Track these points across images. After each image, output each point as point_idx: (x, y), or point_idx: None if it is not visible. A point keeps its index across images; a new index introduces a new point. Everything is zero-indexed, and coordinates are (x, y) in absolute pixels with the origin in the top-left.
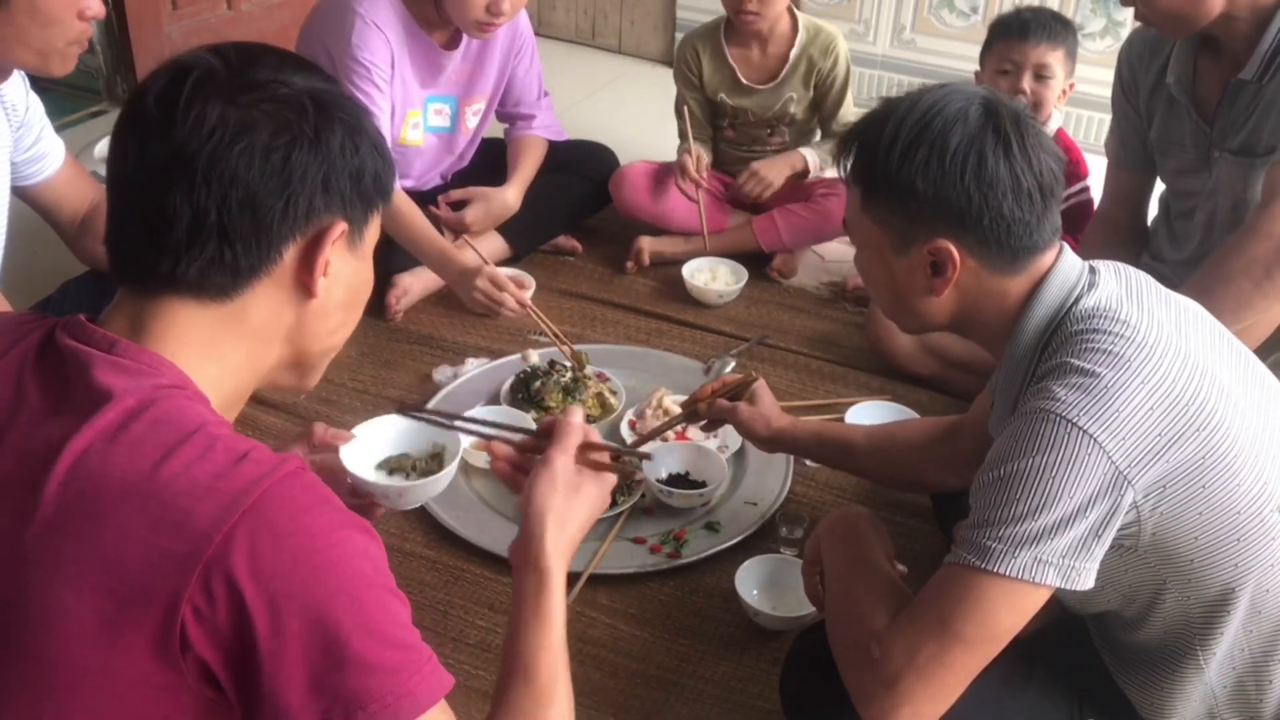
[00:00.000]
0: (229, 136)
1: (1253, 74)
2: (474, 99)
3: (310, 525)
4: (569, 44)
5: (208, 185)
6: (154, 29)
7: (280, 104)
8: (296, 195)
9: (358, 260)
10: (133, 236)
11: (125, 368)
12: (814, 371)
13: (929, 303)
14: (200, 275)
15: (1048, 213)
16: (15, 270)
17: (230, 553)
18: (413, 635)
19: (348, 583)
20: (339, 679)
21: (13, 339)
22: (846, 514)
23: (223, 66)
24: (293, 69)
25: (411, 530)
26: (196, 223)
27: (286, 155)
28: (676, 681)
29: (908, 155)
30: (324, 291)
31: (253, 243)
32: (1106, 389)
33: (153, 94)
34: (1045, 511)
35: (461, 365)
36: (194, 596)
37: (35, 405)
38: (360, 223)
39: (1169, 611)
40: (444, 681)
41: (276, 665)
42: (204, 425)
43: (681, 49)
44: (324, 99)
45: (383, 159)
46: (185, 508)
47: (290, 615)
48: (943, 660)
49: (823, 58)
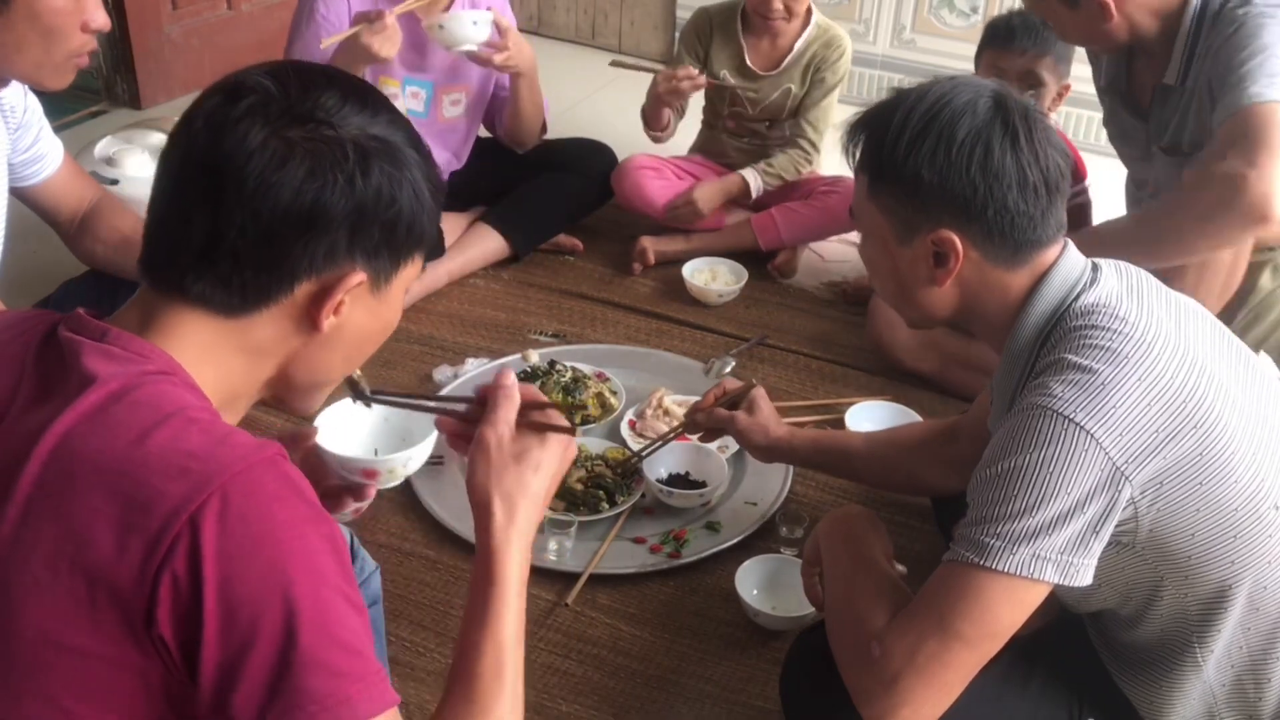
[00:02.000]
0: (264, 166)
1: (1174, 78)
2: (454, 88)
3: (277, 514)
4: (569, 44)
5: (231, 209)
6: (154, 29)
7: (323, 144)
8: (318, 237)
9: (379, 304)
10: (159, 238)
11: (113, 354)
12: (814, 371)
13: (931, 293)
14: (207, 290)
15: (1052, 208)
16: (15, 270)
17: (196, 532)
18: (364, 644)
19: (306, 577)
20: (281, 674)
21: (20, 331)
22: (846, 513)
23: (279, 93)
24: (354, 108)
25: (411, 530)
26: (213, 242)
27: (316, 198)
28: (676, 681)
29: (915, 144)
30: (332, 329)
31: (265, 273)
32: (1103, 385)
33: (208, 106)
34: (1043, 507)
35: (461, 365)
36: (160, 573)
37: (29, 394)
38: (386, 271)
39: (1166, 609)
40: (386, 697)
41: (221, 650)
42: (184, 408)
43: (696, 18)
44: (369, 146)
45: (423, 209)
46: (157, 487)
47: (242, 601)
48: (943, 658)
49: (825, 52)
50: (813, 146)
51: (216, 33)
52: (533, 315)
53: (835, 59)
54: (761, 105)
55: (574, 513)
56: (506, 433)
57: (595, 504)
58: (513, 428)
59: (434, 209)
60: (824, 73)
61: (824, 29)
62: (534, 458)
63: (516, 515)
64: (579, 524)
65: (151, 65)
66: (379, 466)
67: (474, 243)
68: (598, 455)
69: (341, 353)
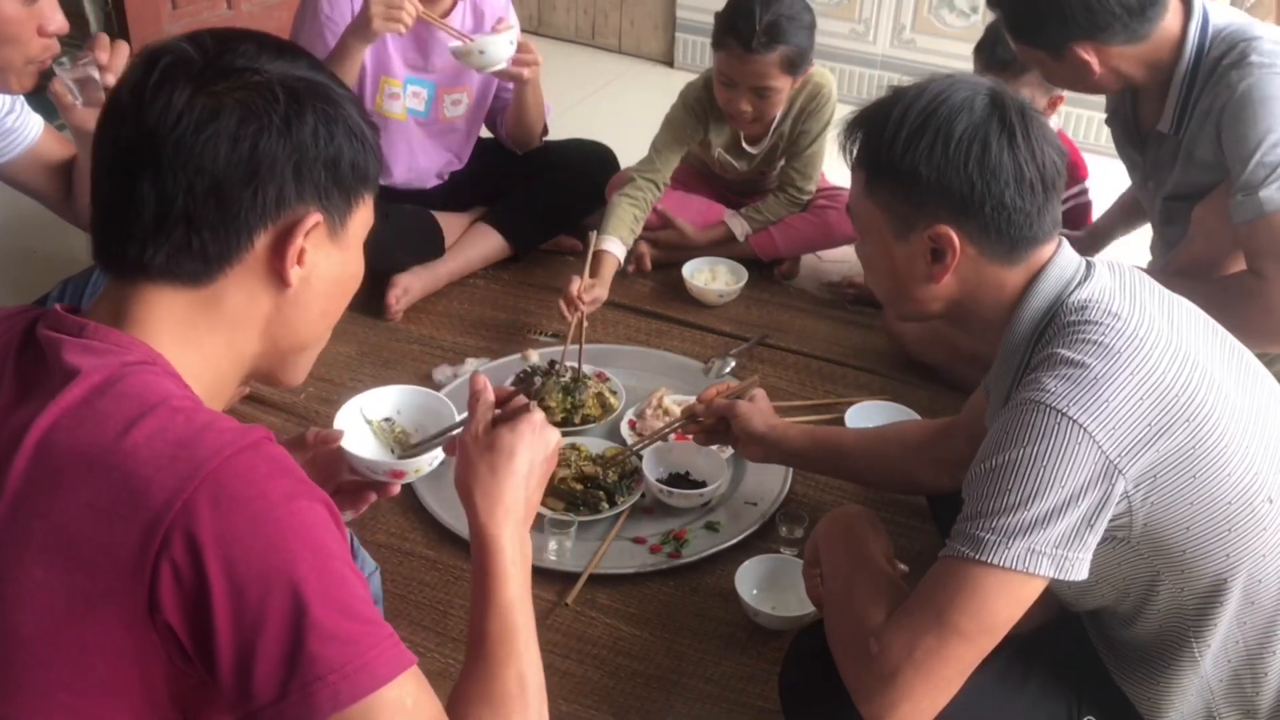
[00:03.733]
0: (195, 123)
1: (1168, 127)
2: (455, 88)
3: (270, 493)
4: (569, 44)
5: (174, 172)
6: (154, 29)
7: (250, 91)
8: (265, 184)
9: (340, 251)
10: (108, 222)
11: (93, 348)
12: (814, 371)
13: (927, 290)
14: (169, 261)
15: (1048, 204)
16: (14, 269)
17: (190, 519)
18: (371, 611)
19: (307, 552)
20: (297, 648)
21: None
22: (845, 512)
23: (197, 54)
24: (271, 55)
25: (411, 530)
26: (163, 209)
27: (254, 144)
28: (676, 681)
29: (913, 141)
30: (300, 281)
31: (220, 230)
32: (1096, 380)
33: (129, 82)
34: (1037, 501)
35: (461, 365)
36: (159, 562)
37: (10, 394)
38: (340, 212)
39: (1163, 604)
40: (403, 658)
41: (234, 632)
42: (168, 398)
43: (699, 95)
44: (297, 86)
45: (363, 146)
46: (146, 476)
47: (248, 581)
48: (940, 654)
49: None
50: (801, 192)
51: None
52: (533, 315)
53: (817, 108)
54: (752, 168)
55: (574, 513)
56: (480, 431)
57: (595, 504)
58: (488, 426)
59: (374, 146)
60: (809, 123)
61: (805, 79)
62: (505, 443)
63: (498, 496)
64: (579, 524)
65: None
66: (406, 467)
67: (474, 243)
68: (597, 455)
69: (317, 307)
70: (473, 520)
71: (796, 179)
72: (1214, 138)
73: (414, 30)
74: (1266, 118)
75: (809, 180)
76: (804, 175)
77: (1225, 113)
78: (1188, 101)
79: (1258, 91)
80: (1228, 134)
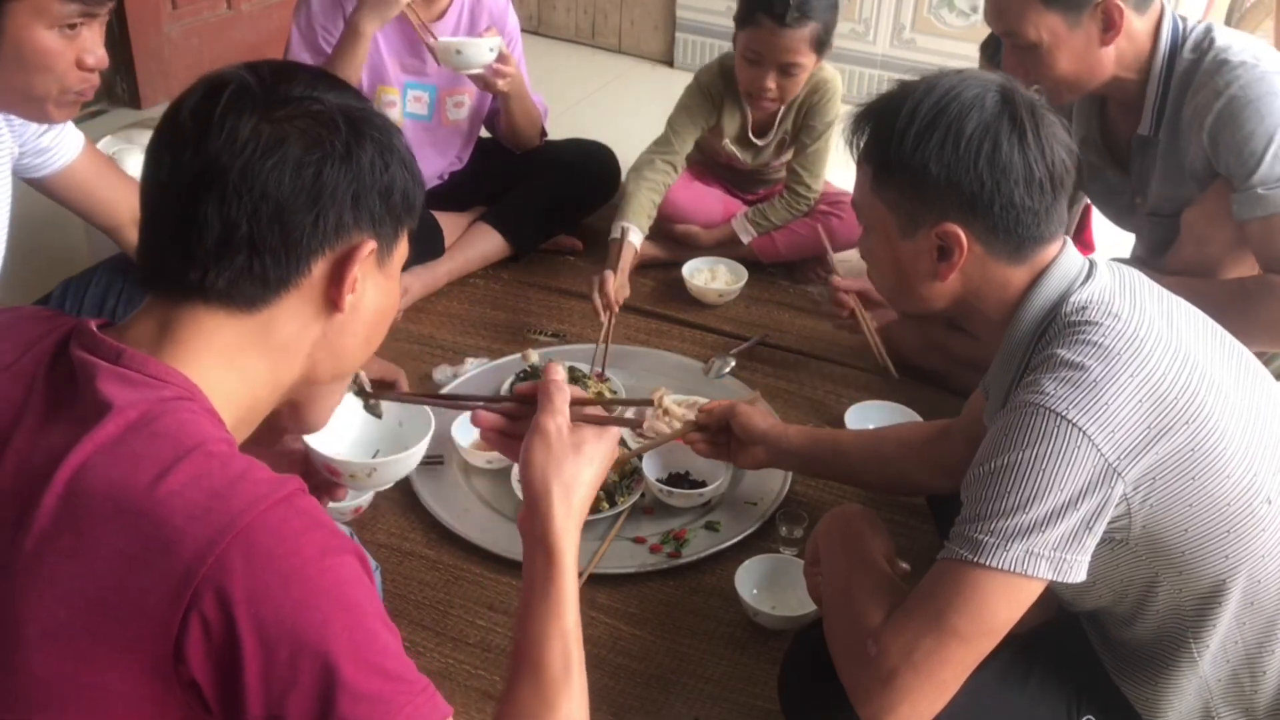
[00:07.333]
0: (261, 150)
1: (1148, 129)
2: (457, 90)
3: (303, 549)
4: (569, 44)
5: (239, 198)
6: (154, 29)
7: (313, 120)
8: (326, 210)
9: (385, 279)
10: (165, 246)
11: (129, 379)
12: (814, 371)
13: (932, 287)
14: (229, 285)
15: (1056, 204)
16: (14, 269)
17: (222, 574)
18: (406, 666)
19: (340, 610)
20: (327, 708)
21: (30, 342)
22: (845, 512)
23: (256, 82)
24: (326, 86)
25: (411, 530)
26: (227, 234)
27: (318, 171)
28: (676, 681)
29: (923, 137)
30: (350, 308)
31: (282, 256)
32: (1094, 382)
33: (188, 107)
34: (1036, 504)
35: (461, 365)
36: (188, 616)
37: (40, 413)
38: (389, 240)
39: (1162, 605)
40: (436, 712)
41: (264, 690)
42: (203, 443)
43: (712, 80)
44: (356, 116)
45: (412, 177)
46: (179, 527)
47: (279, 640)
48: (939, 656)
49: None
50: (808, 190)
51: (216, 32)
52: (533, 315)
53: (822, 103)
54: (757, 161)
55: None
56: (564, 423)
57: (595, 504)
58: (569, 419)
59: (419, 176)
60: (813, 120)
61: (811, 75)
62: (590, 450)
63: (574, 504)
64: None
65: (151, 65)
66: (341, 469)
67: (474, 243)
68: None
69: (361, 334)
70: (542, 521)
71: (803, 175)
72: (1205, 144)
73: (407, 35)
74: (1270, 115)
75: (815, 178)
76: (810, 173)
77: (1219, 116)
78: (1164, 101)
79: (1251, 90)
80: (1226, 136)
